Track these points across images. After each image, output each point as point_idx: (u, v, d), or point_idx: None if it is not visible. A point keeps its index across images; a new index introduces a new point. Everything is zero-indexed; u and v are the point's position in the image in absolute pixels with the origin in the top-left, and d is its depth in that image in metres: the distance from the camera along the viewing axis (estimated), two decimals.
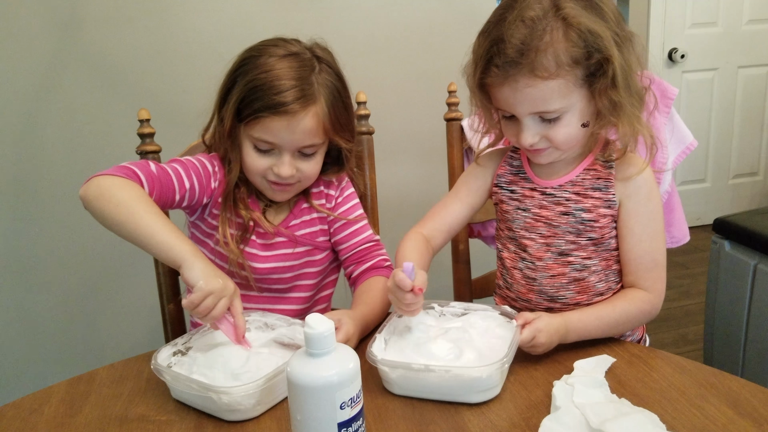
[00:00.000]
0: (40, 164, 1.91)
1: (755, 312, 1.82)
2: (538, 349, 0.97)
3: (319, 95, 1.12)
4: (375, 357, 0.92)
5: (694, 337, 2.63)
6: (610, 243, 1.07)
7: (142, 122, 1.31)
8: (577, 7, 0.94)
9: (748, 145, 3.79)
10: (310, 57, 1.15)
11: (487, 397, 0.89)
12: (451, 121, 1.50)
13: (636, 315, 1.05)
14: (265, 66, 1.11)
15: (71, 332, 2.03)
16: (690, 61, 3.53)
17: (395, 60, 2.11)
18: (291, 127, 1.10)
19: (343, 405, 0.70)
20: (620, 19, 0.99)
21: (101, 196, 1.02)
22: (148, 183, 1.08)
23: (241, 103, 1.12)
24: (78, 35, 1.86)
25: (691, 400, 0.87)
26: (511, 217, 1.12)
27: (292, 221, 1.24)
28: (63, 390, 1.00)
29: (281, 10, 1.97)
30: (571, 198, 1.06)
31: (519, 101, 0.98)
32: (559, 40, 0.93)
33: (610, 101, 0.97)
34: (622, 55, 0.96)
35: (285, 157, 1.13)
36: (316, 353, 0.70)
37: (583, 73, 0.96)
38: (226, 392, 0.86)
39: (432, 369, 0.88)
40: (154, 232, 0.99)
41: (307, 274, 1.26)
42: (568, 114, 0.98)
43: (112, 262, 1.99)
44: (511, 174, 1.14)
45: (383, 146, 1.52)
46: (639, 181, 1.04)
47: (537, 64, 0.93)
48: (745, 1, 3.53)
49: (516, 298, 1.14)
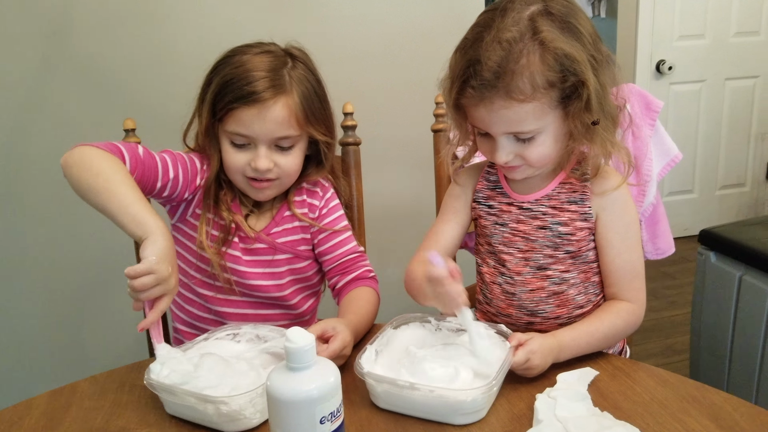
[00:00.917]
0: (25, 170, 1.90)
1: (740, 323, 1.83)
2: (533, 371, 0.95)
3: (291, 87, 1.14)
4: (362, 369, 0.91)
5: (681, 347, 2.63)
6: (588, 255, 1.08)
7: (127, 132, 1.31)
8: (554, 30, 0.94)
9: (735, 157, 3.82)
10: (284, 54, 1.18)
11: (472, 419, 0.88)
12: (438, 132, 1.50)
13: (623, 327, 1.05)
14: (239, 62, 1.14)
15: (55, 342, 2.02)
16: (678, 73, 3.55)
17: (383, 70, 2.11)
18: (262, 115, 1.11)
19: (323, 419, 0.70)
20: (597, 40, 0.99)
21: (81, 163, 1.03)
22: (131, 162, 1.09)
23: (216, 99, 1.14)
24: (66, 42, 1.86)
25: (673, 414, 0.87)
26: (490, 232, 1.12)
27: (274, 228, 1.24)
28: (44, 402, 0.99)
29: (269, 19, 1.98)
30: (548, 212, 1.07)
31: (494, 122, 0.98)
32: (535, 63, 0.93)
33: (583, 124, 0.98)
34: (598, 78, 0.96)
35: (261, 149, 1.14)
36: (296, 367, 0.70)
37: (558, 95, 0.96)
38: (224, 402, 0.85)
39: (417, 387, 0.87)
40: (129, 203, 1.00)
41: (290, 283, 1.26)
42: (543, 134, 0.99)
43: (97, 271, 1.98)
44: (489, 189, 1.14)
45: (370, 157, 1.52)
46: (614, 194, 1.05)
47: (513, 87, 0.93)
48: (732, 14, 3.56)
49: (496, 313, 1.14)
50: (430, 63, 1.91)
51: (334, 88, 1.24)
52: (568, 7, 0.98)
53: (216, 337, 1.06)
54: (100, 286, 2.00)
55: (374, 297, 1.22)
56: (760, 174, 3.90)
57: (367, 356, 0.96)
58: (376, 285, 1.26)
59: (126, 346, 2.02)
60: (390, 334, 1.03)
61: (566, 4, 0.98)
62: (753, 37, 3.64)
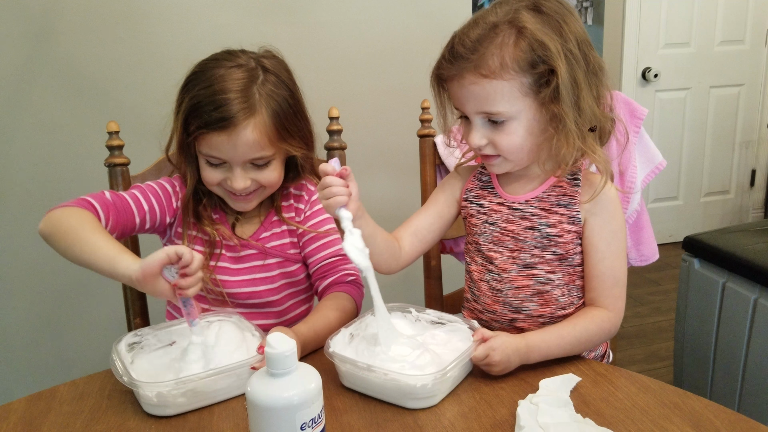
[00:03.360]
0: (7, 174, 1.88)
1: (724, 330, 1.84)
2: (494, 368, 0.97)
3: (260, 106, 1.12)
4: (329, 349, 0.97)
5: (665, 353, 2.64)
6: (574, 259, 1.08)
7: (111, 134, 1.31)
8: (536, 22, 0.98)
9: (719, 164, 3.85)
10: (255, 67, 1.15)
11: (424, 405, 0.92)
12: (424, 138, 1.50)
13: (596, 333, 1.06)
14: (207, 81, 1.12)
15: (36, 346, 2.00)
16: (663, 81, 3.59)
17: (369, 75, 2.12)
18: (232, 141, 1.10)
19: (303, 426, 0.70)
20: (586, 46, 1.01)
21: (53, 227, 1.05)
22: (103, 210, 1.10)
23: (186, 120, 1.13)
24: (50, 45, 1.84)
25: (654, 420, 0.87)
26: (479, 231, 1.13)
27: (263, 233, 1.24)
28: (22, 407, 0.97)
29: (256, 24, 1.97)
30: (537, 213, 1.08)
31: (466, 98, 1.02)
32: (508, 45, 0.98)
33: (551, 114, 1.00)
34: (574, 74, 0.98)
35: (236, 171, 1.13)
36: (277, 373, 0.70)
37: (530, 81, 0.98)
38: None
39: (373, 370, 0.92)
40: (96, 249, 1.00)
41: (283, 287, 1.26)
42: (515, 122, 1.01)
43: (79, 276, 1.95)
44: (480, 189, 1.15)
45: (356, 161, 1.52)
46: (604, 200, 1.06)
47: (482, 63, 0.98)
48: (717, 23, 3.60)
49: (483, 309, 1.15)
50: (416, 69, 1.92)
51: (320, 93, 1.24)
52: (560, 9, 1.01)
53: None
54: (81, 290, 1.98)
55: (345, 302, 1.20)
56: (745, 181, 3.94)
57: (339, 338, 1.01)
58: (355, 288, 1.24)
59: (107, 352, 2.00)
60: (369, 320, 1.06)
61: (559, 6, 1.01)
62: (738, 46, 3.68)
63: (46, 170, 1.89)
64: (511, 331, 1.11)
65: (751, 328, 1.73)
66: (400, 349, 0.96)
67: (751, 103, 3.80)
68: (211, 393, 0.95)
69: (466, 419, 0.89)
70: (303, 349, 1.05)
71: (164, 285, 0.96)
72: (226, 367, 0.94)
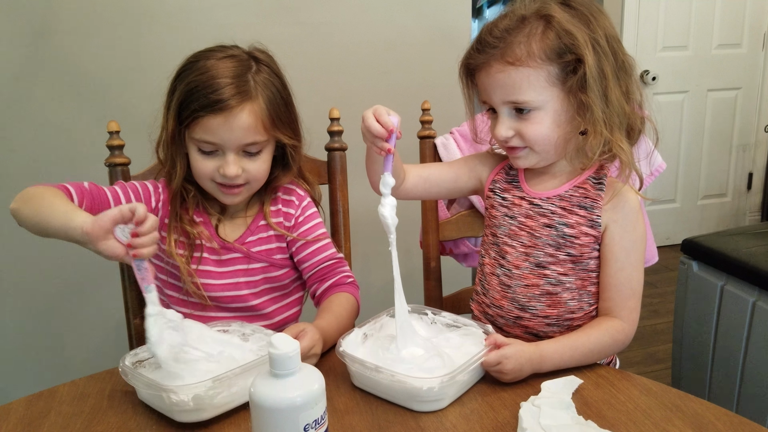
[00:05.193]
0: (6, 174, 1.87)
1: (722, 332, 1.84)
2: (505, 376, 0.96)
3: (256, 92, 1.13)
4: (340, 348, 0.98)
5: (663, 356, 2.65)
6: (589, 263, 1.08)
7: (111, 134, 1.30)
8: (565, 15, 1.00)
9: (716, 167, 3.86)
10: (248, 58, 1.17)
11: (430, 408, 0.91)
12: (424, 139, 1.50)
13: (610, 345, 1.05)
14: (201, 69, 1.13)
15: (36, 346, 1.99)
16: (661, 84, 3.59)
17: (370, 76, 2.11)
18: (229, 123, 1.10)
19: (307, 427, 0.69)
20: (612, 40, 1.02)
21: (20, 199, 1.06)
22: (77, 193, 1.10)
23: (181, 107, 1.13)
24: (49, 44, 1.84)
25: (656, 423, 0.87)
26: (498, 223, 1.13)
27: (249, 237, 1.23)
28: (22, 407, 0.97)
29: (257, 24, 1.97)
30: (556, 211, 1.08)
31: (492, 87, 1.03)
32: (535, 35, 1.00)
33: (579, 103, 1.00)
34: (599, 63, 0.99)
35: (229, 156, 1.13)
36: (281, 374, 0.69)
37: (557, 71, 0.99)
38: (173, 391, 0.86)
39: (381, 371, 0.92)
40: (54, 208, 1.01)
41: (265, 291, 1.25)
42: (541, 112, 1.02)
43: (78, 276, 1.95)
44: (506, 182, 1.16)
45: (357, 162, 1.51)
46: (626, 209, 1.05)
47: (509, 51, 1.00)
48: (715, 26, 3.61)
49: (490, 304, 1.15)
50: (417, 70, 1.92)
51: (321, 93, 1.24)
52: (590, 6, 1.03)
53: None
54: (81, 290, 1.98)
55: (351, 302, 1.21)
56: (742, 184, 3.95)
57: (351, 338, 1.02)
58: (355, 290, 1.25)
59: (106, 352, 2.00)
60: (384, 321, 1.07)
61: (590, 3, 1.03)
62: (735, 50, 3.69)
63: (46, 170, 1.88)
64: (516, 329, 1.11)
65: (749, 331, 1.73)
66: (412, 350, 0.97)
67: (748, 107, 3.81)
68: (243, 390, 0.91)
69: (468, 421, 0.89)
70: (325, 344, 1.06)
71: (116, 244, 0.93)
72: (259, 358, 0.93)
